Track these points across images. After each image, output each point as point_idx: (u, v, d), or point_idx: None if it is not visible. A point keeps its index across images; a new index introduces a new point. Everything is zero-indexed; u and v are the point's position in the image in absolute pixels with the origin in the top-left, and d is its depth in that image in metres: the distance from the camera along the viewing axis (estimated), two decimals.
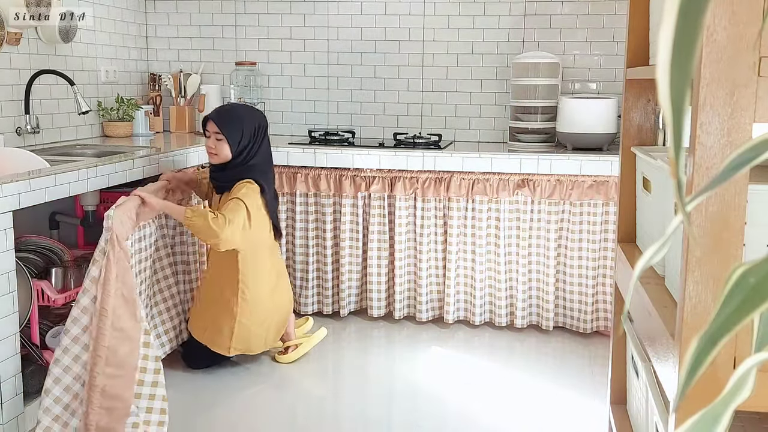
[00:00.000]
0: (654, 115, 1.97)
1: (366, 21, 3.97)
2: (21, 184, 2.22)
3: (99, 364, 2.22)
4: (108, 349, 2.23)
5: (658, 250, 0.60)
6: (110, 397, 2.23)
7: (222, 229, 2.59)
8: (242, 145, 2.81)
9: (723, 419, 0.56)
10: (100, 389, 2.22)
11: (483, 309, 3.46)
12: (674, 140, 0.52)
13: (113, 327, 2.24)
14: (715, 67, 1.08)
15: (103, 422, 2.23)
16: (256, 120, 2.87)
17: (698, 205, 1.09)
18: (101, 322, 2.23)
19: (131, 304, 2.31)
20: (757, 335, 0.61)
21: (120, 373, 2.26)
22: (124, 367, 2.27)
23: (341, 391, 2.90)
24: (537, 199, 3.32)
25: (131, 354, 2.28)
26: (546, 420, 2.61)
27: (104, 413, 2.23)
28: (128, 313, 2.29)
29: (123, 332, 2.26)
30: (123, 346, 2.26)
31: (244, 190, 2.74)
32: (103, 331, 2.22)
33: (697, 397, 0.87)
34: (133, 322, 2.30)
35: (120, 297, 2.28)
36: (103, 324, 2.23)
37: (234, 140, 2.79)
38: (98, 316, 2.23)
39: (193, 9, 4.15)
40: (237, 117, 2.84)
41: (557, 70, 3.60)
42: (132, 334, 2.28)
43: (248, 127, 2.83)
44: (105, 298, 2.24)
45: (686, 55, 0.50)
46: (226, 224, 2.60)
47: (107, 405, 2.23)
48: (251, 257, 2.81)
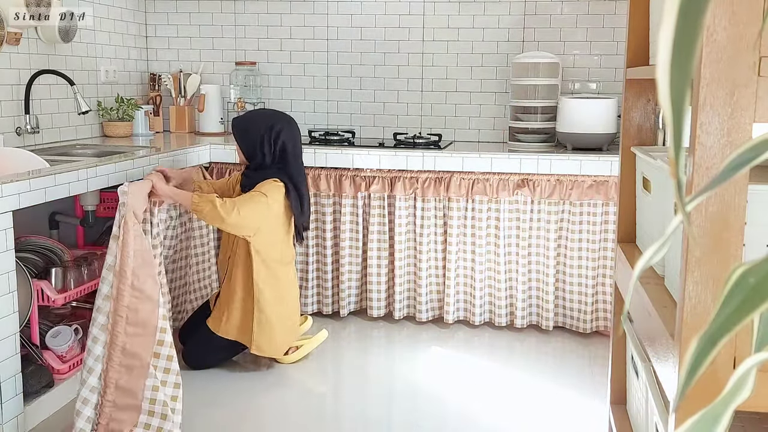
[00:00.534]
0: (654, 115, 1.97)
1: (366, 21, 3.97)
2: (21, 184, 2.22)
3: (120, 323, 2.26)
4: (128, 309, 2.27)
5: (658, 250, 0.60)
6: (130, 354, 2.27)
7: (229, 213, 2.65)
8: (252, 147, 2.87)
9: (723, 419, 0.56)
10: (120, 347, 2.27)
11: (483, 309, 3.46)
12: (674, 140, 0.52)
13: (132, 287, 2.28)
14: (715, 67, 1.08)
15: (123, 381, 2.27)
16: (267, 122, 2.90)
17: (698, 205, 1.09)
18: (121, 283, 2.26)
19: (150, 266, 2.33)
20: (757, 335, 0.61)
21: (141, 331, 2.29)
22: (146, 326, 2.30)
23: (341, 391, 2.90)
24: (537, 199, 3.32)
25: (152, 313, 2.31)
26: (546, 420, 2.61)
27: (123, 371, 2.28)
28: (147, 273, 2.32)
29: (143, 292, 2.29)
30: (143, 305, 2.30)
31: (267, 186, 2.80)
32: (122, 292, 2.26)
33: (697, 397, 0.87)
34: (152, 283, 2.32)
35: (139, 257, 2.30)
36: (123, 285, 2.27)
37: (242, 143, 2.91)
38: (117, 277, 2.26)
39: (193, 9, 4.15)
40: (245, 121, 2.94)
41: (557, 70, 3.60)
42: (152, 294, 2.32)
43: (255, 131, 2.88)
44: (124, 260, 2.27)
45: (686, 55, 0.50)
46: (233, 209, 2.66)
47: (126, 363, 2.28)
48: (264, 254, 2.82)
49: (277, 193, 2.81)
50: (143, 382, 2.28)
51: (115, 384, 2.26)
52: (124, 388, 2.27)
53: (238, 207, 2.68)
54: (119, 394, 2.27)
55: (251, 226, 2.74)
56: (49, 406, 2.52)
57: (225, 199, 2.70)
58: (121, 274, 2.26)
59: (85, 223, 3.05)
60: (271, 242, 2.84)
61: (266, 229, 2.80)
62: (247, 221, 2.71)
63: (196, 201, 2.66)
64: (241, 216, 2.68)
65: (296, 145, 2.95)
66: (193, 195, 2.69)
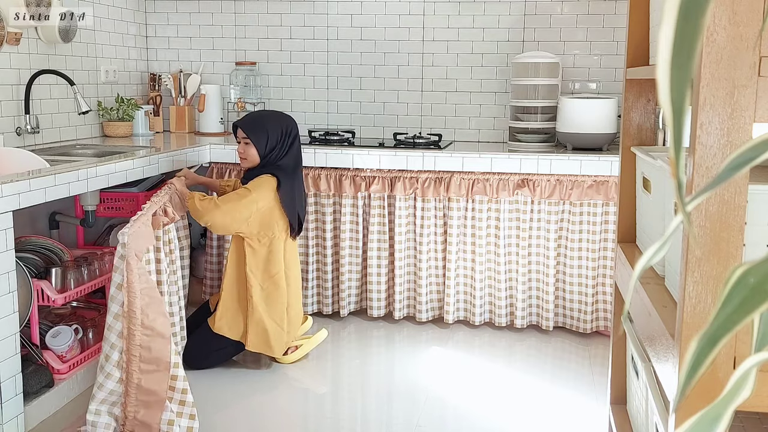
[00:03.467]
0: (654, 115, 1.97)
1: (366, 21, 3.97)
2: (21, 184, 2.22)
3: (134, 362, 2.30)
4: (141, 347, 2.30)
5: (658, 250, 0.60)
6: (146, 391, 2.31)
7: (207, 211, 2.72)
8: (269, 148, 2.89)
9: (723, 419, 0.56)
10: (136, 384, 2.30)
11: (483, 309, 3.46)
12: (674, 140, 0.52)
13: (143, 326, 2.30)
14: (715, 67, 1.08)
15: (140, 415, 2.32)
16: (282, 124, 2.94)
17: (698, 205, 1.09)
18: (131, 323, 2.29)
19: (157, 303, 2.35)
20: (757, 335, 0.60)
21: (154, 368, 2.32)
22: (159, 363, 2.33)
23: (341, 391, 2.90)
24: (537, 199, 3.32)
25: (164, 349, 2.34)
26: (546, 420, 2.61)
27: (141, 406, 2.31)
28: (156, 311, 2.34)
29: (153, 330, 2.32)
30: (155, 343, 2.32)
31: (257, 181, 2.82)
32: (133, 332, 2.29)
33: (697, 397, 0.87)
34: (163, 320, 2.35)
35: (146, 296, 2.32)
36: (133, 325, 2.29)
37: (261, 144, 2.88)
38: (127, 318, 2.29)
39: (193, 9, 4.15)
40: (263, 121, 2.94)
41: (557, 70, 3.60)
42: (162, 331, 2.34)
43: (274, 131, 2.90)
44: (131, 300, 2.29)
45: (686, 55, 0.50)
46: (212, 207, 2.72)
47: (143, 399, 2.31)
48: (260, 249, 2.83)
49: (267, 189, 2.81)
50: (159, 416, 2.33)
51: (133, 417, 2.32)
52: (142, 422, 2.32)
53: (218, 203, 2.75)
54: (137, 426, 2.32)
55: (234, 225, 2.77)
56: (49, 406, 2.52)
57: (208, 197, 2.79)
58: (130, 315, 2.29)
59: (85, 223, 3.05)
60: (263, 238, 2.84)
61: (256, 225, 2.81)
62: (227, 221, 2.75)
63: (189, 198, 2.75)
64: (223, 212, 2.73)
65: (299, 144, 3.03)
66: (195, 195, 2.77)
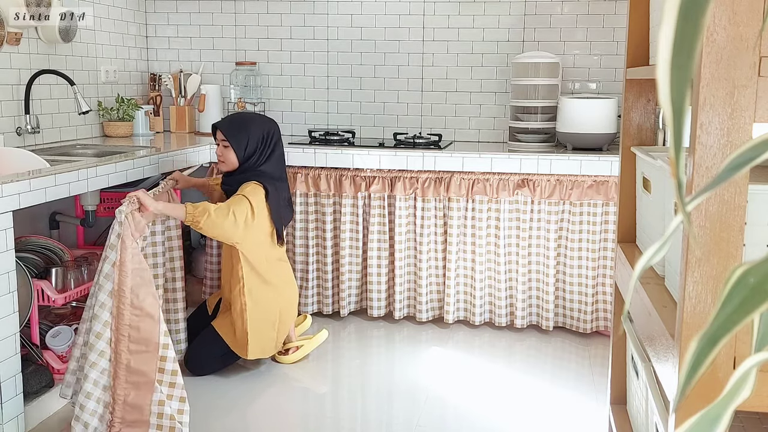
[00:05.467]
0: (654, 115, 1.97)
1: (366, 21, 3.97)
2: (21, 184, 2.22)
3: (122, 342, 2.27)
4: (129, 327, 2.28)
5: (658, 250, 0.60)
6: (135, 372, 2.29)
7: (225, 217, 2.63)
8: (248, 152, 2.83)
9: (723, 419, 0.56)
10: (125, 365, 2.28)
11: (483, 309, 3.46)
12: (674, 140, 0.52)
13: (132, 305, 2.28)
14: (715, 67, 1.08)
15: (130, 397, 2.29)
16: (263, 127, 2.88)
17: (698, 205, 1.09)
18: (120, 303, 2.27)
19: (148, 284, 2.33)
20: (757, 335, 0.60)
21: (143, 348, 2.30)
22: (148, 343, 2.31)
23: (341, 391, 2.90)
24: (537, 199, 3.32)
25: (153, 330, 2.32)
26: (546, 420, 2.61)
27: (131, 387, 2.29)
28: (146, 291, 2.32)
29: (143, 310, 2.30)
30: (144, 323, 2.30)
31: (249, 189, 2.76)
32: (122, 311, 2.27)
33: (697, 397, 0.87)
34: (152, 300, 2.33)
35: (137, 276, 2.30)
36: (123, 304, 2.27)
37: (240, 147, 2.81)
38: (117, 297, 2.27)
39: (193, 9, 4.15)
40: (243, 124, 2.86)
41: (557, 70, 3.60)
42: (152, 311, 2.32)
43: (255, 135, 2.83)
44: (122, 279, 2.27)
45: (686, 55, 0.50)
46: (229, 213, 2.64)
47: (133, 380, 2.29)
48: (251, 257, 2.80)
49: (260, 197, 2.78)
50: (150, 397, 2.31)
51: (123, 400, 2.29)
52: (132, 404, 2.30)
53: (233, 210, 2.65)
54: (127, 410, 2.30)
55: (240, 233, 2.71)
56: (49, 406, 2.52)
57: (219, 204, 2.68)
58: (120, 294, 2.27)
59: (86, 223, 3.05)
60: (257, 246, 2.81)
61: (252, 234, 2.76)
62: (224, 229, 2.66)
63: (191, 211, 2.60)
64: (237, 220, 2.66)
65: (282, 149, 2.97)
66: (186, 205, 2.61)
